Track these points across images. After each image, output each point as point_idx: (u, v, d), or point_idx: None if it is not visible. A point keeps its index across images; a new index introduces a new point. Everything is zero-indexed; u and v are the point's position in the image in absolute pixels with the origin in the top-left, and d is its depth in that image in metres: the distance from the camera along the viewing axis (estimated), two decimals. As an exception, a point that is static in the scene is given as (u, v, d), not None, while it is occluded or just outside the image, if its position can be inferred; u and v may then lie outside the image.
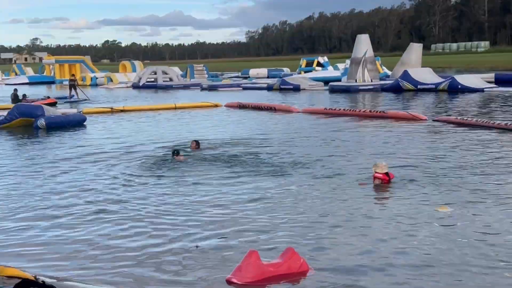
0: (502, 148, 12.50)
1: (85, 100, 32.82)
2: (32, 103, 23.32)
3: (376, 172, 9.32)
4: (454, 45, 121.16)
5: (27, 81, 62.15)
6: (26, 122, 19.37)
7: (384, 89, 32.99)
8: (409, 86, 31.54)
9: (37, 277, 5.73)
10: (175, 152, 12.46)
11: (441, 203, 8.17)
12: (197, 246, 6.66)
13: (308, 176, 10.29)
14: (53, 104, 26.63)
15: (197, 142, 13.67)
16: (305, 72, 50.36)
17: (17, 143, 16.31)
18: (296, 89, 36.32)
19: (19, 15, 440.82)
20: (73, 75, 36.68)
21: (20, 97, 30.31)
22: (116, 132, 17.73)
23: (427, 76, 32.48)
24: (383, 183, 9.28)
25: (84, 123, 19.78)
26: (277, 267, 5.76)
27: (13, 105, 22.86)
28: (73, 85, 34.28)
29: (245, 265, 5.64)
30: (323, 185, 9.54)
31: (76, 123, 19.48)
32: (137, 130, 18.08)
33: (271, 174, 10.52)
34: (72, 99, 33.40)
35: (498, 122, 15.79)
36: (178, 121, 20.55)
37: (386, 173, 9.32)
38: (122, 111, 24.83)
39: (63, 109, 24.63)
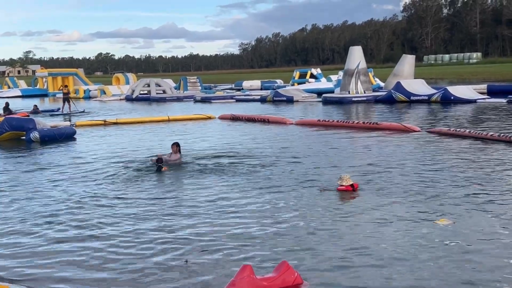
0: (495, 159, 12.49)
1: (80, 112, 32.92)
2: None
3: (340, 185, 9.84)
4: (446, 57, 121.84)
5: (20, 94, 62.00)
6: (16, 135, 19.27)
7: (377, 100, 33.07)
8: (402, 97, 31.63)
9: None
10: (159, 161, 12.37)
11: (428, 214, 8.14)
12: (186, 261, 6.57)
13: (299, 187, 10.24)
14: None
15: (177, 145, 13.31)
16: (298, 83, 50.42)
17: (10, 156, 16.21)
18: (290, 100, 36.35)
19: (11, 28, 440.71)
20: (65, 86, 36.42)
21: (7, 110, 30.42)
22: (106, 145, 17.62)
23: (420, 87, 32.60)
24: None
25: (74, 136, 19.74)
26: (271, 281, 5.69)
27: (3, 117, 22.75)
28: (66, 98, 34.14)
29: (239, 280, 5.56)
30: (315, 197, 9.49)
31: (67, 136, 19.40)
32: (128, 143, 17.97)
33: (263, 186, 10.47)
34: (59, 112, 33.40)
35: (491, 133, 15.81)
36: (171, 133, 20.47)
37: (351, 185, 9.82)
38: (115, 123, 24.76)
39: (53, 122, 24.51)
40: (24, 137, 19.02)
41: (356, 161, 12.95)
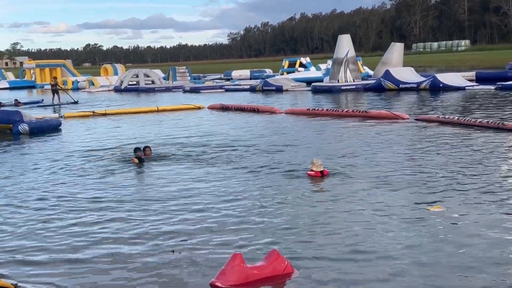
0: (484, 146, 12.55)
1: (75, 102, 32.88)
2: None
3: (310, 169, 10.04)
4: (435, 44, 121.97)
5: (7, 86, 61.46)
6: (2, 128, 19.11)
7: (366, 89, 33.11)
8: (391, 85, 31.68)
9: (18, 285, 5.63)
10: (137, 150, 12.27)
11: (418, 200, 8.18)
12: (173, 251, 6.55)
13: (288, 176, 10.26)
14: None
15: (150, 149, 12.93)
16: (288, 73, 50.34)
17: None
18: (279, 90, 36.32)
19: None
20: (54, 78, 36.16)
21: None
22: (92, 136, 17.49)
23: (408, 75, 32.67)
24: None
25: (60, 127, 19.67)
26: (262, 270, 5.70)
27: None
28: (55, 89, 33.90)
29: (229, 268, 5.57)
30: (304, 186, 9.51)
31: (54, 128, 19.33)
32: (114, 134, 17.87)
33: (251, 175, 10.49)
34: (46, 103, 33.24)
35: (480, 120, 15.88)
36: (160, 124, 20.41)
37: (321, 171, 9.96)
38: (104, 114, 24.64)
39: (39, 114, 24.32)
40: (10, 130, 18.84)
41: (343, 149, 12.94)
